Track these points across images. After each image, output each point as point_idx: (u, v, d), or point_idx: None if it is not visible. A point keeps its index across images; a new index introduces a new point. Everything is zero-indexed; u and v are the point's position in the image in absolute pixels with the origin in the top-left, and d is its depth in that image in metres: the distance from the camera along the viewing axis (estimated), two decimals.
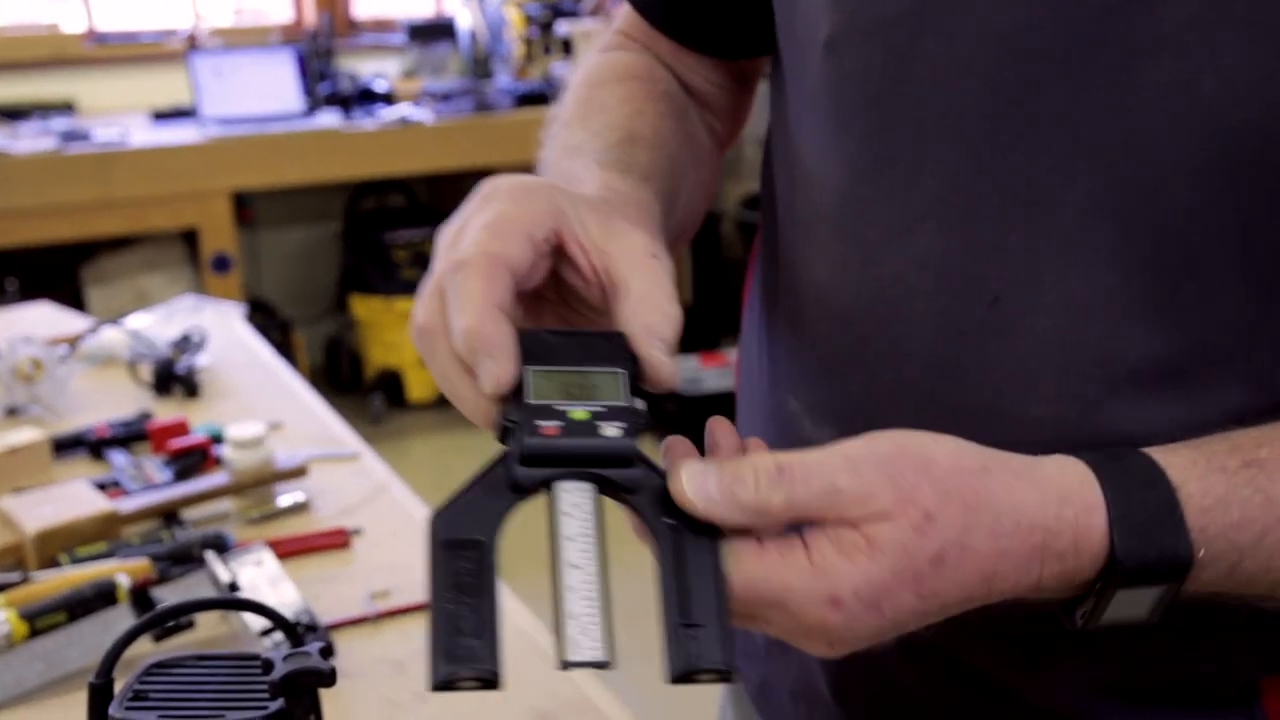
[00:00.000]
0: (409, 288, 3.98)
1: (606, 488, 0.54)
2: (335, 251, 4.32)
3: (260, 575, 1.09)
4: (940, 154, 0.67)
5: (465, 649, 0.48)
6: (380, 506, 1.32)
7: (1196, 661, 0.69)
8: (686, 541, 0.53)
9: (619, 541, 0.58)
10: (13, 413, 1.55)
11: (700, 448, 0.59)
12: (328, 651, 0.61)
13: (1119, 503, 0.56)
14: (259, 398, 1.64)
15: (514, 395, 0.54)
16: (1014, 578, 0.55)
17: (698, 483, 0.54)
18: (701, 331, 4.41)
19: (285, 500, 1.30)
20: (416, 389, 4.09)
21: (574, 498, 0.53)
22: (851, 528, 0.54)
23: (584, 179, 0.69)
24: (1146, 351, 0.64)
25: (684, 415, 3.80)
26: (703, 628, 0.51)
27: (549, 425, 0.53)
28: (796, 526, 0.55)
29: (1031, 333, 0.65)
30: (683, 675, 0.50)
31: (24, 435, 1.38)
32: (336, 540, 1.22)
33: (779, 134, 0.81)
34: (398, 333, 4.03)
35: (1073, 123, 0.63)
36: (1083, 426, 0.65)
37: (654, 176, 0.72)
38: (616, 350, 0.56)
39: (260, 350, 1.83)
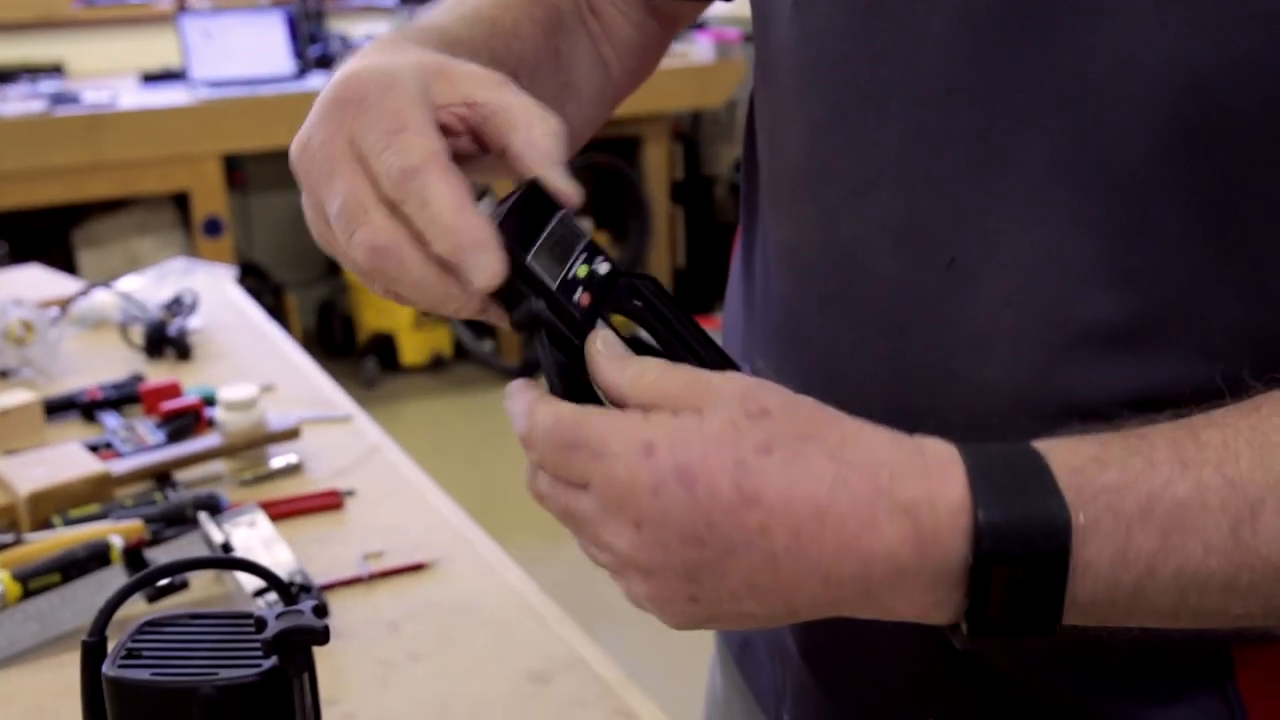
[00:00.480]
0: None
1: None
2: None
3: (254, 536, 1.09)
4: (899, 114, 0.67)
5: None
6: (373, 468, 1.32)
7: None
8: None
9: None
10: (4, 375, 1.55)
11: None
12: (321, 611, 0.61)
13: (978, 463, 0.52)
14: (251, 360, 1.64)
15: (525, 282, 0.56)
16: (853, 525, 0.50)
17: (609, 341, 0.57)
18: (695, 294, 4.40)
19: (278, 462, 1.30)
20: (409, 353, 4.09)
21: (605, 334, 0.59)
22: (693, 407, 0.53)
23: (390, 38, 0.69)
24: (1101, 314, 0.63)
25: None
26: None
27: (582, 296, 0.58)
28: None
29: (987, 295, 0.65)
30: None
31: (16, 397, 1.38)
32: (329, 502, 1.23)
33: (759, 94, 0.81)
34: None
35: (1028, 83, 0.63)
36: (1036, 390, 0.65)
37: (477, 53, 0.71)
38: (539, 197, 0.59)
39: (252, 313, 1.82)
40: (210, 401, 1.40)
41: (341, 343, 4.19)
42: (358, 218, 0.57)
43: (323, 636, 0.60)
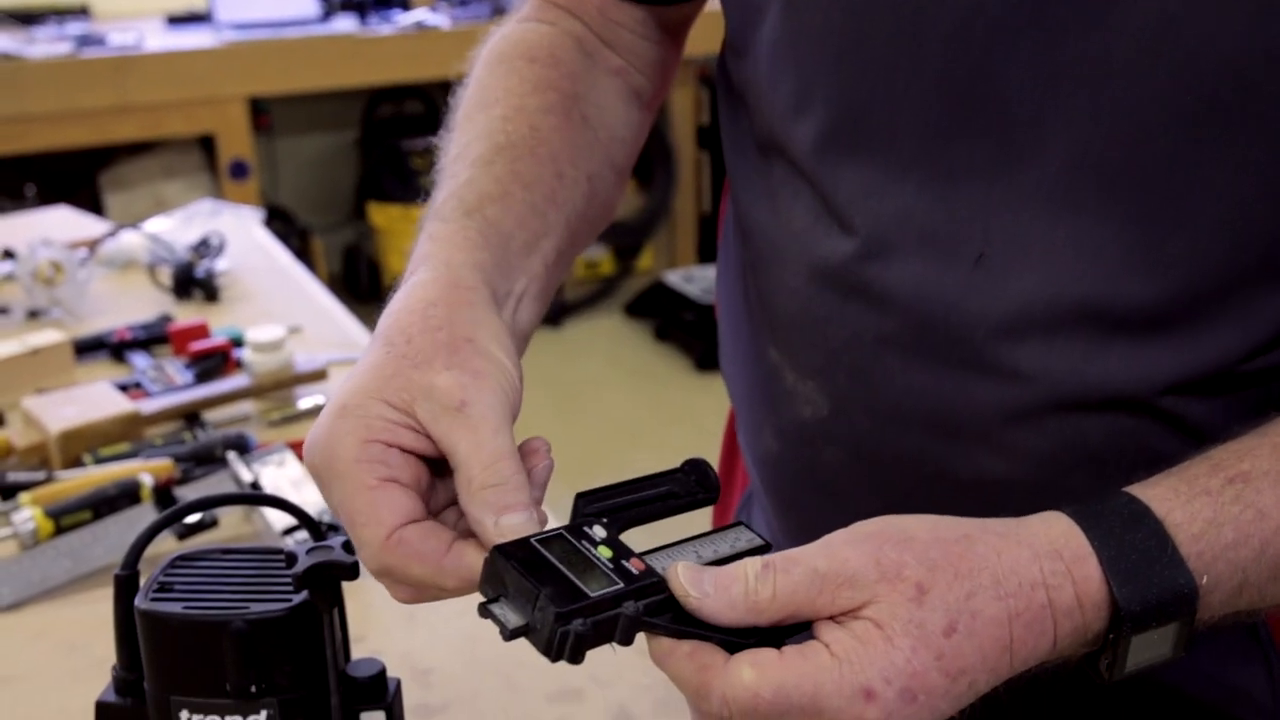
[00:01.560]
0: (427, 195, 3.95)
1: None
2: (353, 159, 4.30)
3: (282, 476, 1.10)
4: (913, 111, 0.66)
5: None
6: None
7: None
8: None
9: None
10: (34, 315, 1.56)
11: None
12: (351, 547, 0.61)
13: (1108, 547, 0.55)
14: (278, 302, 1.64)
15: (605, 608, 0.53)
16: (1031, 641, 0.54)
17: (692, 578, 0.53)
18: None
19: (306, 403, 1.31)
20: None
21: (682, 574, 0.56)
22: (854, 616, 0.53)
23: (423, 256, 0.68)
24: (1136, 304, 0.63)
25: (701, 323, 3.80)
26: None
27: (632, 563, 0.55)
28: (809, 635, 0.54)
29: (1018, 289, 0.65)
30: None
31: (45, 337, 1.38)
32: None
33: (739, 74, 0.79)
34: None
35: (1048, 72, 0.62)
36: (1073, 382, 0.65)
37: (504, 195, 0.71)
38: (519, 547, 0.56)
39: (279, 255, 1.83)
40: (238, 342, 1.41)
41: (367, 287, 4.19)
42: (374, 573, 0.59)
43: (352, 571, 0.60)
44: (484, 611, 0.54)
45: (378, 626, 0.95)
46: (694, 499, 0.61)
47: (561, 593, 0.52)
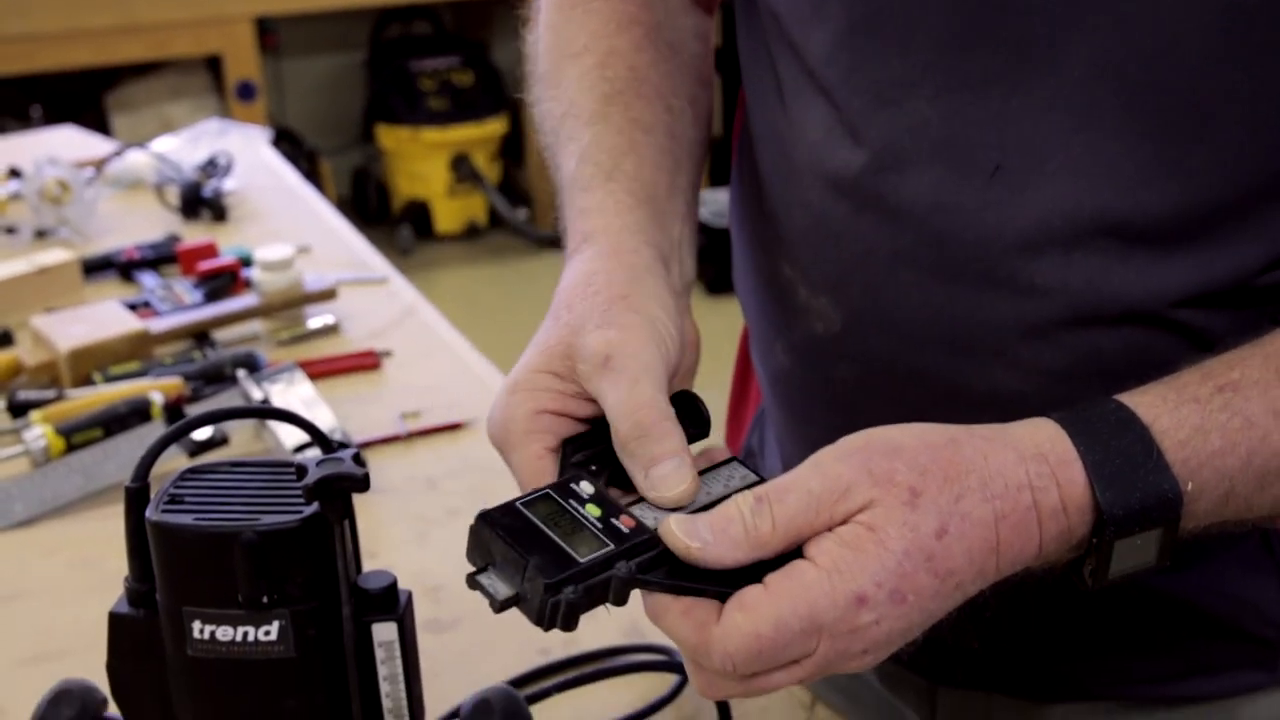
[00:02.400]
0: (435, 117, 3.93)
1: None
2: (361, 80, 4.26)
3: (292, 394, 1.10)
4: (930, 17, 0.65)
5: None
6: (410, 329, 1.32)
7: None
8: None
9: None
10: (41, 235, 1.55)
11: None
12: (361, 459, 0.61)
13: (1093, 451, 0.55)
14: (286, 222, 1.63)
15: (596, 571, 0.53)
16: (1018, 544, 0.54)
17: (688, 528, 0.53)
18: (729, 163, 4.36)
19: (315, 322, 1.31)
20: (444, 220, 4.07)
21: (676, 524, 0.55)
22: (844, 522, 0.53)
23: (584, 233, 0.68)
24: (1156, 216, 0.62)
25: (713, 248, 3.77)
26: None
27: (622, 521, 0.55)
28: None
29: (1035, 202, 0.64)
30: None
31: (54, 256, 1.38)
32: (367, 361, 1.23)
33: None
34: (425, 163, 3.99)
35: None
36: (1090, 295, 0.64)
37: (632, 146, 0.71)
38: (503, 516, 0.55)
39: (287, 175, 1.81)
40: (247, 262, 1.40)
41: (376, 210, 4.17)
42: None
43: (363, 483, 0.60)
44: (472, 583, 0.54)
45: (388, 544, 0.96)
46: (685, 435, 0.60)
47: (549, 561, 0.52)
